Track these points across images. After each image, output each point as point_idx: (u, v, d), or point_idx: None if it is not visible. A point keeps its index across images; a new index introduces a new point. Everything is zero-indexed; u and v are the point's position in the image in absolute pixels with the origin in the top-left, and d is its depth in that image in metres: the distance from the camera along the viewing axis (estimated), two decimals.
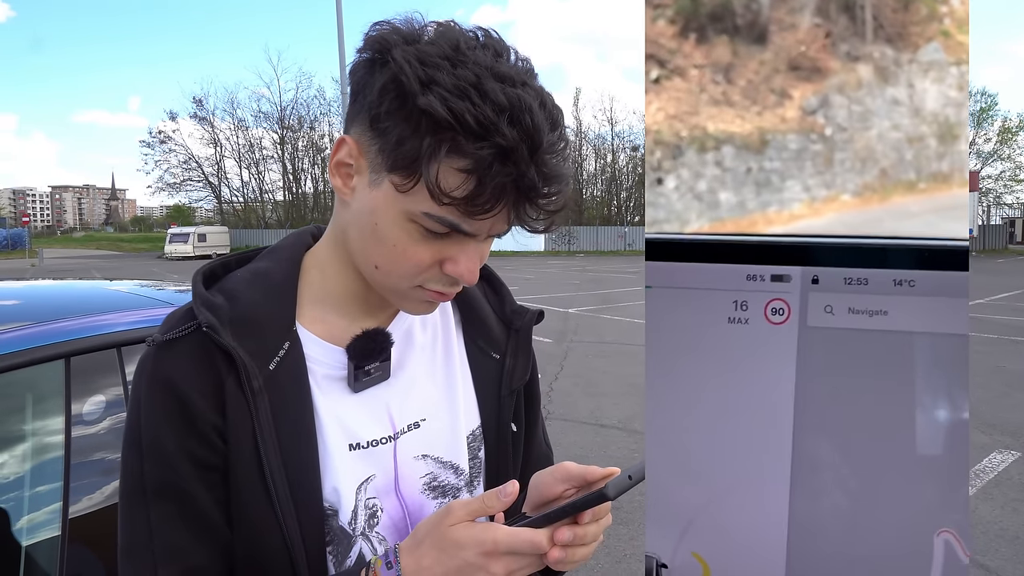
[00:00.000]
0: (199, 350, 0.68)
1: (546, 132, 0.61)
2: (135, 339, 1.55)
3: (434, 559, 0.63)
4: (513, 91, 0.60)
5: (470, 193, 0.61)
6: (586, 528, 0.64)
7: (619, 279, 20.94)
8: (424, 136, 0.60)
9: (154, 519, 0.67)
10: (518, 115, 0.60)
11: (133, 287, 2.10)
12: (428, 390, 0.81)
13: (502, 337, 0.87)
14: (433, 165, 0.61)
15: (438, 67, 0.60)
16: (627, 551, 3.46)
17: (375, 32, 0.65)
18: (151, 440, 0.67)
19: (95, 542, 1.42)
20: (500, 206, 0.62)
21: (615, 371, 7.51)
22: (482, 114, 0.58)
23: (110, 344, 1.49)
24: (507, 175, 0.60)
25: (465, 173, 0.60)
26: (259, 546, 0.68)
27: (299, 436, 0.70)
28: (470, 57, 0.61)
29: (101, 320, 1.53)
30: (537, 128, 0.60)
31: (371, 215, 0.67)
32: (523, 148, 0.60)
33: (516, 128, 0.59)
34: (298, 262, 0.78)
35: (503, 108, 0.59)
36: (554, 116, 0.64)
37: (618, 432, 5.37)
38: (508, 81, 0.61)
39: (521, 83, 0.62)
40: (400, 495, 0.76)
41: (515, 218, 0.65)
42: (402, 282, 0.70)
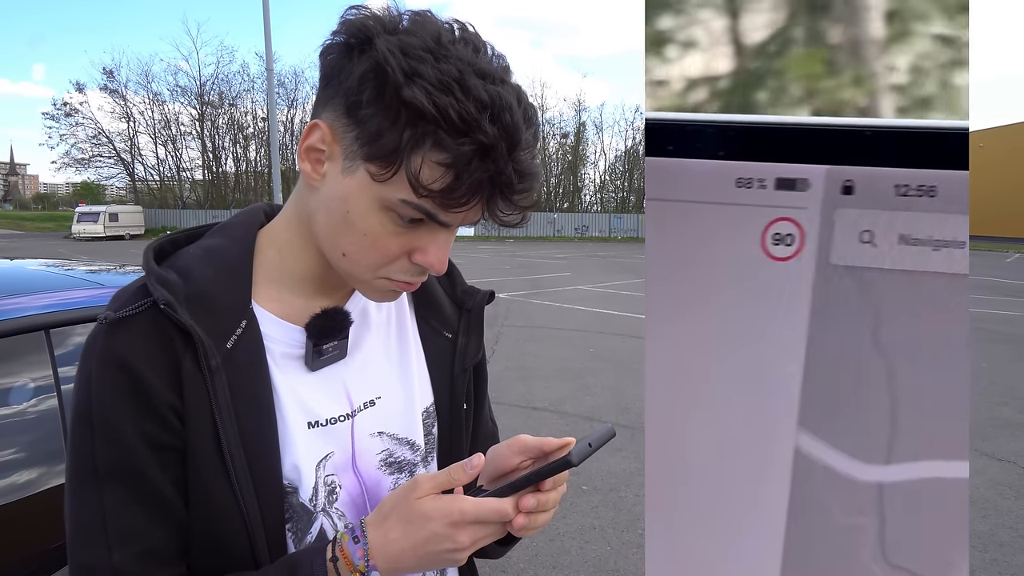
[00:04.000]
0: (154, 328, 0.67)
1: (523, 130, 0.63)
2: (52, 323, 1.48)
3: (401, 531, 0.64)
4: (494, 88, 0.61)
5: (447, 187, 0.62)
6: (548, 495, 0.67)
7: (549, 264, 21.17)
8: (405, 128, 0.61)
9: (107, 501, 0.66)
10: (499, 113, 0.61)
11: (42, 266, 2.00)
12: (383, 368, 0.82)
13: (454, 317, 0.89)
14: (415, 157, 0.61)
15: (422, 60, 0.60)
16: (560, 529, 3.55)
17: (352, 16, 0.64)
18: (103, 420, 0.66)
19: (20, 533, 1.36)
20: (475, 200, 0.63)
21: (546, 354, 7.63)
22: (465, 110, 0.59)
23: (19, 330, 1.42)
24: (485, 171, 0.61)
25: (444, 167, 0.61)
26: (217, 525, 0.68)
27: (258, 414, 0.69)
28: (452, 52, 0.61)
29: (10, 303, 1.46)
30: (516, 126, 0.62)
31: (342, 202, 0.67)
32: (502, 146, 0.61)
33: (497, 126, 0.60)
34: (252, 240, 0.77)
35: (485, 105, 0.60)
36: (529, 113, 0.65)
37: (550, 414, 5.47)
38: (488, 78, 0.62)
39: (500, 80, 0.63)
40: (357, 471, 0.77)
41: (487, 212, 0.66)
42: (369, 271, 0.70)
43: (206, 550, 0.69)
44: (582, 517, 3.70)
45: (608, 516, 3.70)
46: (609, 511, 3.75)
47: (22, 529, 1.38)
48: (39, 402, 1.46)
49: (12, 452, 1.43)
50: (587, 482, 4.10)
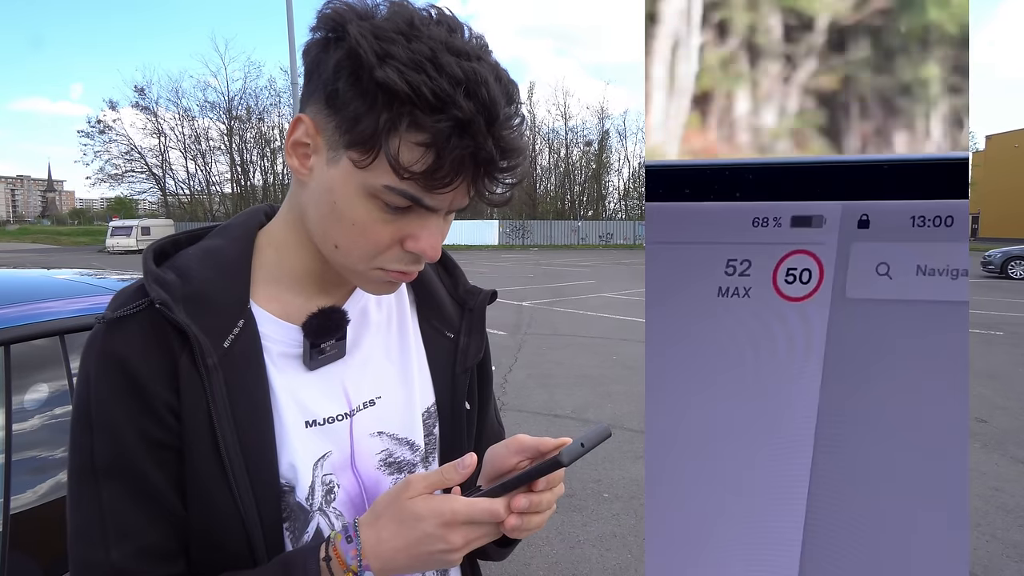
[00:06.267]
0: (151, 327, 0.68)
1: (502, 105, 0.62)
2: (79, 327, 1.51)
3: (393, 531, 0.64)
4: (468, 64, 0.61)
5: (429, 167, 0.61)
6: (541, 496, 0.66)
7: (572, 272, 21.10)
8: (381, 111, 0.61)
9: (106, 499, 0.66)
10: (474, 88, 0.60)
11: (75, 275, 2.04)
12: (383, 368, 0.82)
13: (456, 317, 0.89)
14: (393, 139, 0.61)
15: (393, 41, 0.60)
16: (580, 537, 3.51)
17: (328, 10, 0.65)
18: (102, 419, 0.66)
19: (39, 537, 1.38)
20: (459, 180, 0.63)
21: (569, 362, 7.59)
22: (438, 87, 0.59)
23: (52, 332, 1.45)
24: (465, 147, 0.61)
25: (423, 147, 0.61)
26: (215, 523, 0.68)
27: (255, 413, 0.70)
28: (424, 32, 0.62)
29: (43, 308, 1.49)
30: (493, 101, 0.61)
31: (329, 193, 0.67)
32: (480, 120, 0.61)
33: (472, 101, 0.60)
34: (251, 240, 0.78)
35: (459, 81, 0.60)
36: (509, 90, 0.65)
37: (572, 421, 5.44)
38: (463, 55, 0.62)
39: (476, 57, 0.63)
40: (356, 471, 0.77)
41: (474, 192, 0.66)
42: (362, 261, 0.70)
43: (204, 548, 0.69)
44: (603, 524, 3.66)
45: (629, 523, 3.66)
46: (630, 518, 3.71)
47: (52, 531, 1.40)
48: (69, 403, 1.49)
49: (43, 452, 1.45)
50: (608, 489, 4.05)
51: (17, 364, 1.39)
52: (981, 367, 7.23)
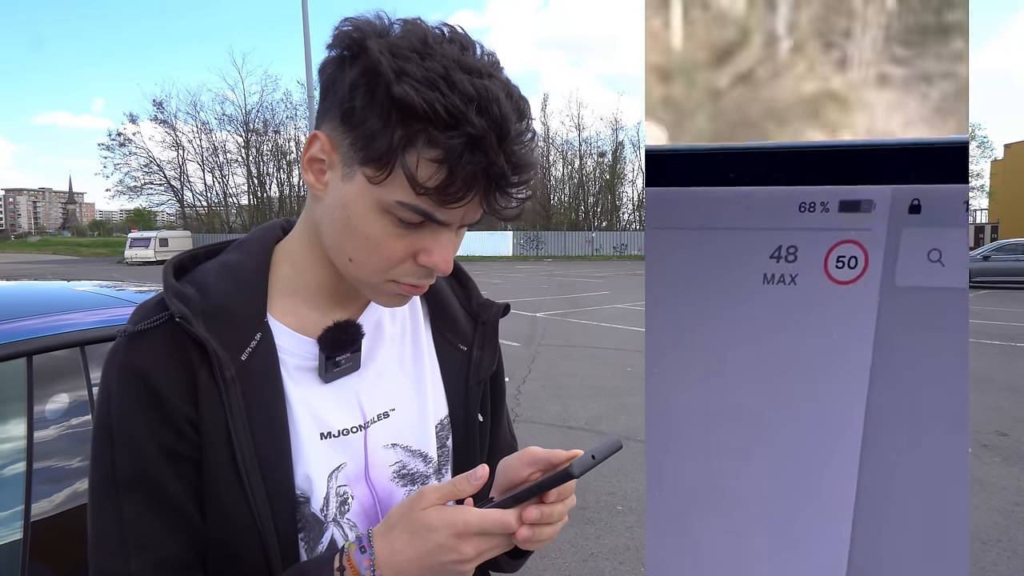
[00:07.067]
0: (171, 340, 0.69)
1: (513, 121, 0.64)
2: (99, 338, 1.53)
3: (406, 542, 0.65)
4: (480, 82, 0.62)
5: (442, 182, 0.63)
6: (552, 507, 0.67)
7: (587, 283, 21.07)
8: (396, 127, 0.62)
9: (126, 510, 0.67)
10: (486, 105, 0.62)
11: (94, 287, 2.07)
12: (397, 380, 0.83)
13: (469, 329, 0.90)
14: (409, 156, 0.62)
15: (408, 59, 0.62)
16: (594, 550, 3.49)
17: (345, 28, 0.66)
18: (122, 430, 0.68)
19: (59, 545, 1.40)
20: (471, 195, 0.64)
21: (583, 373, 7.57)
22: (451, 104, 0.60)
23: (73, 343, 1.47)
24: (477, 163, 0.62)
25: (436, 163, 0.62)
26: (232, 534, 0.69)
27: (271, 425, 0.71)
28: (437, 50, 0.63)
29: (63, 319, 1.52)
30: (505, 117, 0.63)
31: (344, 208, 0.68)
32: (492, 137, 0.62)
33: (484, 117, 0.61)
34: (268, 254, 0.79)
35: (471, 98, 0.61)
36: (520, 106, 0.66)
37: (585, 433, 5.42)
38: (475, 73, 0.63)
39: (487, 75, 0.64)
40: (370, 483, 0.78)
41: (486, 206, 0.67)
42: (376, 275, 0.71)
43: (221, 558, 0.70)
44: (616, 537, 3.64)
45: (643, 537, 3.63)
46: (644, 532, 3.68)
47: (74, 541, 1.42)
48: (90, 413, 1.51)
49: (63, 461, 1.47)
50: (622, 502, 4.03)
51: (38, 375, 1.41)
52: (1001, 380, 7.13)
